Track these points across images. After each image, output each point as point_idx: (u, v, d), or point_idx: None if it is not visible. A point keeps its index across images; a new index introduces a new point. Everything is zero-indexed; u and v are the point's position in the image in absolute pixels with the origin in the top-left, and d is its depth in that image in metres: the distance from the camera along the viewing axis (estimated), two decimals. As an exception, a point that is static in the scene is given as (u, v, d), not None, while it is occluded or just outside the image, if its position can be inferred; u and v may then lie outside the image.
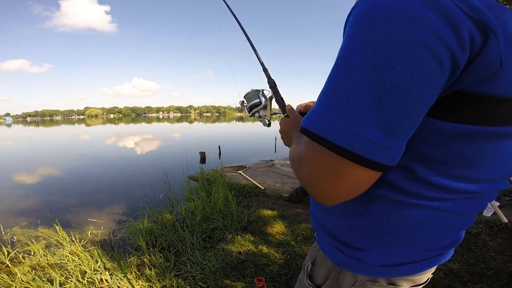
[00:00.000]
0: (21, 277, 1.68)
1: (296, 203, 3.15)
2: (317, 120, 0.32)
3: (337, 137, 0.30)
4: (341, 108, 0.30)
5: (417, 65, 0.28)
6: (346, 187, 0.33)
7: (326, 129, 0.31)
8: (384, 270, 0.45)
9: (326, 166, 0.33)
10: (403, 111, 0.29)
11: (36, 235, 2.76)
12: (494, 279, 1.65)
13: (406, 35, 0.27)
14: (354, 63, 0.30)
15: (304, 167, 0.36)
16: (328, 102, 0.32)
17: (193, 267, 1.85)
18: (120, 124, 43.11)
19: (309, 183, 0.36)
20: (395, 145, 0.30)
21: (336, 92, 0.31)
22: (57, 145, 14.25)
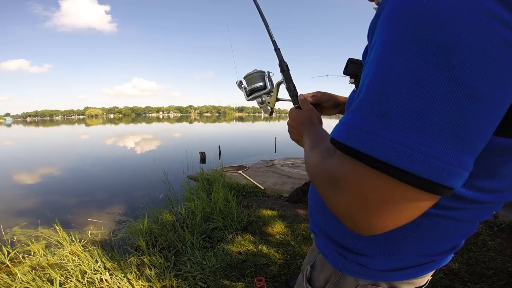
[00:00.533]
0: (21, 277, 1.68)
1: (296, 203, 3.15)
2: (369, 137, 0.24)
3: (406, 161, 0.23)
4: (411, 122, 0.23)
5: (502, 67, 0.22)
6: (401, 218, 0.26)
7: (386, 150, 0.23)
8: (387, 274, 0.45)
9: (381, 194, 0.25)
10: (486, 124, 0.23)
11: (36, 235, 2.76)
12: (494, 279, 1.65)
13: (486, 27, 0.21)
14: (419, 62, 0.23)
15: (341, 191, 0.28)
16: (388, 113, 0.24)
17: (193, 267, 1.85)
18: (120, 124, 43.12)
19: (349, 213, 0.28)
20: (472, 165, 0.24)
21: (397, 100, 0.24)
22: (57, 145, 14.24)
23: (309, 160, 0.40)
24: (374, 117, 0.25)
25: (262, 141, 12.64)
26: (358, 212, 0.27)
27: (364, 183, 0.26)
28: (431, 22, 0.23)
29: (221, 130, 24.84)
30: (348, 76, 0.60)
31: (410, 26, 0.24)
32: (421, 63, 0.23)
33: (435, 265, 0.47)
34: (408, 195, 0.24)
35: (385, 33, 0.26)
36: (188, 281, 1.72)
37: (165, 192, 3.65)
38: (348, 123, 0.27)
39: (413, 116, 0.23)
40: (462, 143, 0.23)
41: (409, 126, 0.23)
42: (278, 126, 30.12)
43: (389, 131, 0.24)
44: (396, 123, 0.24)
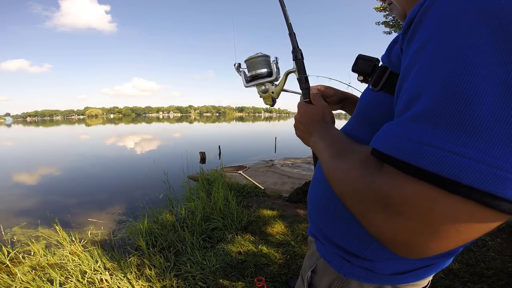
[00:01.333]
0: (21, 277, 1.68)
1: (296, 203, 3.15)
2: (450, 156, 0.20)
3: (500, 187, 0.19)
4: (500, 138, 0.19)
5: None
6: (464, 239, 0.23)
7: (476, 174, 0.19)
8: (393, 278, 0.45)
9: (454, 219, 0.21)
10: None
11: (36, 235, 2.76)
12: (494, 279, 1.65)
13: None
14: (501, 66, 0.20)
15: (396, 215, 0.24)
16: (469, 127, 0.20)
17: (193, 267, 1.85)
18: (120, 124, 43.13)
19: (407, 240, 0.24)
20: None
21: (482, 112, 0.20)
22: (57, 145, 14.24)
23: (335, 171, 0.34)
24: (453, 131, 0.21)
25: (262, 141, 12.64)
26: (420, 239, 0.23)
27: (435, 209, 0.22)
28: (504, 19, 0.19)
29: (221, 130, 24.84)
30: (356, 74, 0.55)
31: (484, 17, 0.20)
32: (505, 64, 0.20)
33: (438, 266, 0.47)
34: (478, 216, 0.21)
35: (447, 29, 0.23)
36: (188, 281, 1.72)
37: (165, 192, 3.65)
38: (407, 135, 0.23)
39: (504, 131, 0.19)
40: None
41: (504, 144, 0.19)
42: (278, 126, 30.11)
43: (476, 150, 0.20)
44: (486, 140, 0.20)
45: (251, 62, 0.63)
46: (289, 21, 0.58)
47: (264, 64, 0.62)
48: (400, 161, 0.23)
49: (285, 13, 0.59)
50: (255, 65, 0.62)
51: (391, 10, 0.48)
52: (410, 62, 0.26)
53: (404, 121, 0.24)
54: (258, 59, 0.62)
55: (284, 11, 0.59)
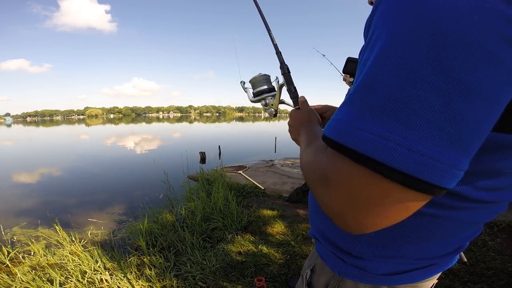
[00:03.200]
0: (21, 277, 1.68)
1: (296, 203, 3.15)
2: (356, 132, 0.24)
3: (388, 156, 0.22)
4: (397, 116, 0.22)
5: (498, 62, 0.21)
6: (390, 217, 0.25)
7: (370, 144, 0.23)
8: (387, 278, 0.44)
9: (368, 191, 0.24)
10: (480, 121, 0.22)
11: (36, 235, 2.76)
12: (494, 279, 1.65)
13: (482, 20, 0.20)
14: (409, 56, 0.22)
15: (331, 189, 0.27)
16: (374, 107, 0.23)
17: (193, 267, 1.85)
18: (120, 124, 43.12)
19: (336, 211, 0.27)
20: (466, 164, 0.23)
21: (384, 94, 0.23)
22: (57, 145, 14.24)
23: (302, 157, 0.39)
24: (362, 112, 0.24)
25: (262, 141, 12.64)
26: (348, 210, 0.26)
27: (351, 180, 0.25)
28: (423, 14, 0.22)
29: (221, 130, 24.84)
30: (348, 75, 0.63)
31: (404, 21, 0.23)
32: (413, 56, 0.22)
33: (439, 268, 0.46)
34: (394, 193, 0.24)
35: (381, 30, 0.25)
36: (188, 281, 1.72)
37: (165, 192, 3.65)
38: (337, 118, 0.27)
39: (400, 110, 0.22)
40: (453, 140, 0.22)
41: (396, 120, 0.22)
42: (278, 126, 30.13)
43: (375, 126, 0.23)
44: (382, 117, 0.23)
45: (254, 82, 0.75)
46: (274, 42, 0.71)
47: (264, 82, 0.74)
48: (327, 138, 0.27)
49: (270, 36, 0.72)
50: (257, 84, 0.74)
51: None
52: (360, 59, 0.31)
53: (341, 105, 0.28)
54: (259, 79, 0.74)
55: (270, 34, 0.72)
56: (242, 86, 0.77)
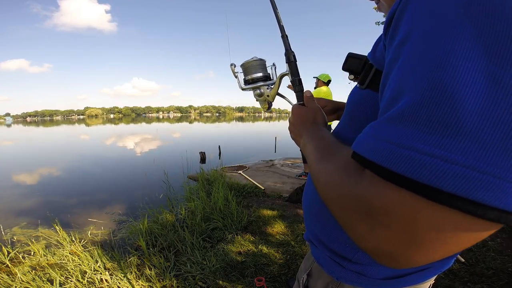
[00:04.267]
0: (21, 277, 1.68)
1: (296, 203, 3.15)
2: (429, 160, 0.18)
3: (487, 194, 0.17)
4: (485, 140, 0.17)
5: None
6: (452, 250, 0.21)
7: (459, 179, 0.17)
8: (385, 282, 0.44)
9: (442, 231, 0.20)
10: None
11: (36, 235, 2.75)
12: (494, 279, 1.65)
13: None
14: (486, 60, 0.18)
15: (381, 227, 0.22)
16: (450, 128, 0.18)
17: (193, 267, 1.85)
18: (120, 124, 43.12)
19: (389, 251, 0.23)
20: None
21: (465, 112, 0.18)
22: (57, 145, 14.24)
23: (319, 175, 0.32)
24: (435, 132, 0.19)
25: (262, 141, 12.64)
26: (402, 250, 0.22)
27: (415, 218, 0.20)
28: None
29: (221, 130, 24.83)
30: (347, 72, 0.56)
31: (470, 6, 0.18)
32: (491, 55, 0.17)
33: (436, 270, 0.46)
34: (476, 228, 0.20)
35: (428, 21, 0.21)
36: (188, 281, 1.72)
37: (165, 192, 3.65)
38: (386, 138, 0.21)
39: (493, 133, 0.17)
40: None
41: (490, 147, 0.17)
42: (278, 126, 30.11)
43: (457, 153, 0.18)
44: (470, 142, 0.18)
45: (247, 67, 0.63)
46: (281, 23, 0.58)
47: (259, 68, 0.62)
48: (379, 166, 0.21)
49: (277, 15, 0.58)
50: (251, 69, 0.62)
51: (379, 9, 0.48)
52: (392, 57, 0.25)
53: (385, 121, 0.22)
54: (254, 63, 0.62)
55: (276, 13, 0.58)
56: (232, 70, 0.65)
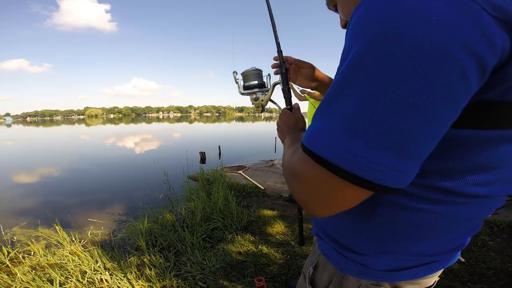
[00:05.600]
0: (21, 277, 1.68)
1: (296, 203, 3.15)
2: (318, 139, 0.29)
3: (341, 160, 0.27)
4: (345, 127, 0.27)
5: (436, 79, 0.24)
6: (340, 206, 0.32)
7: (328, 150, 0.28)
8: (388, 274, 0.45)
9: (323, 186, 0.30)
10: (418, 132, 0.26)
11: (36, 235, 2.75)
12: (494, 279, 1.65)
13: (422, 43, 0.24)
14: (359, 78, 0.27)
15: (298, 182, 0.33)
16: (331, 120, 0.29)
17: (193, 267, 1.85)
18: (120, 124, 43.11)
19: (302, 199, 0.34)
20: (407, 166, 0.27)
21: (338, 110, 0.28)
22: (57, 145, 14.24)
23: (284, 157, 0.44)
24: (326, 125, 0.29)
25: (262, 141, 12.63)
26: (307, 198, 0.33)
27: (312, 177, 0.31)
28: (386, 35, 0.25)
29: (221, 130, 24.83)
30: None
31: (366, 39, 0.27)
32: (371, 78, 0.26)
33: (440, 265, 0.46)
34: (342, 186, 0.29)
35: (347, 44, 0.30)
36: (188, 281, 1.72)
37: (165, 192, 3.65)
38: (310, 128, 0.32)
39: (354, 123, 0.27)
40: (389, 146, 0.26)
41: (350, 132, 0.27)
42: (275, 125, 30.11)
43: (334, 135, 0.28)
44: (339, 129, 0.28)
45: (246, 75, 0.77)
46: (278, 40, 0.71)
47: (256, 77, 0.76)
48: (304, 146, 0.32)
49: (275, 34, 0.71)
50: (249, 77, 0.77)
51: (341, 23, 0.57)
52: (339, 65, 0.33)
53: (315, 116, 0.32)
54: (252, 72, 0.76)
55: (275, 32, 0.71)
56: (234, 77, 0.79)
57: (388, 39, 0.25)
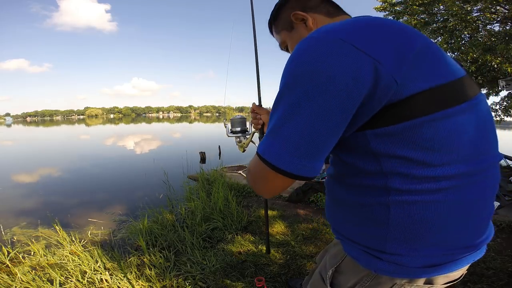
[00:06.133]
0: (21, 277, 1.68)
1: (296, 203, 3.15)
2: (264, 146, 0.45)
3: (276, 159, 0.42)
4: (280, 137, 0.42)
5: (328, 104, 0.38)
6: (274, 189, 0.48)
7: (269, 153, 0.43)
8: (422, 270, 0.46)
9: (266, 176, 0.46)
10: (320, 142, 0.41)
11: (36, 235, 2.75)
12: (494, 279, 1.65)
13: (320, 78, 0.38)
14: (280, 104, 0.43)
15: (252, 175, 0.50)
16: (272, 133, 0.44)
17: (193, 267, 1.85)
18: (120, 124, 43.09)
19: (254, 185, 0.51)
20: (310, 163, 0.42)
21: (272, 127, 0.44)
22: (57, 145, 14.24)
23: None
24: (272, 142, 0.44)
25: (262, 141, 12.61)
26: (258, 184, 0.49)
27: (261, 171, 0.46)
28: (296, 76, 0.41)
29: (221, 130, 24.77)
30: None
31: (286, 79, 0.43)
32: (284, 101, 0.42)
33: (467, 260, 0.47)
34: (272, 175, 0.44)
35: None
36: (188, 281, 1.72)
37: (165, 192, 3.65)
38: (263, 142, 0.46)
39: (274, 133, 0.43)
40: (305, 155, 0.41)
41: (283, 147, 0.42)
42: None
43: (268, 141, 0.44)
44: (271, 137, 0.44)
45: (233, 122, 0.97)
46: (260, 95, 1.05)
47: (240, 124, 0.98)
48: (257, 153, 0.46)
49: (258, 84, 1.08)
50: (235, 124, 0.98)
51: None
52: None
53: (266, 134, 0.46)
54: (238, 121, 0.97)
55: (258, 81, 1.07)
56: (224, 123, 1.03)
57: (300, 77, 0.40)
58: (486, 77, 6.47)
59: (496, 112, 7.99)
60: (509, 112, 7.66)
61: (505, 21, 5.89)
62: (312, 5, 0.61)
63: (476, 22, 6.11)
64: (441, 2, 6.17)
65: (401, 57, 0.38)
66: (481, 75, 6.44)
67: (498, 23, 6.16)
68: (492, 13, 5.99)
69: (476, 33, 6.35)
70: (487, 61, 5.82)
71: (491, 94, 7.54)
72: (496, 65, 5.81)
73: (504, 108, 7.77)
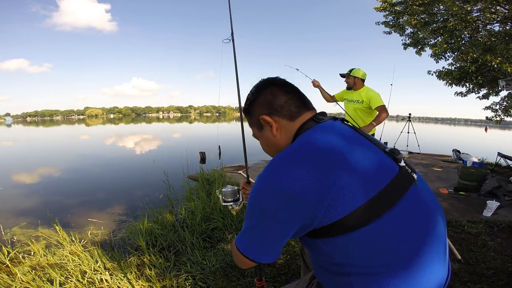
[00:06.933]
0: (21, 277, 1.68)
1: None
2: (238, 241, 0.65)
3: (245, 251, 0.63)
4: (247, 237, 0.63)
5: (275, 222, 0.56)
6: (247, 265, 0.68)
7: (241, 246, 0.64)
8: None
9: (241, 259, 0.65)
10: (271, 244, 0.60)
11: (36, 235, 2.75)
12: (494, 279, 1.65)
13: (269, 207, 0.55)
14: (248, 218, 0.62)
15: (234, 255, 0.70)
16: (243, 233, 0.64)
17: (193, 267, 1.85)
18: (120, 124, 43.09)
19: (236, 261, 0.70)
20: (265, 257, 0.62)
21: (245, 230, 0.63)
22: (57, 145, 14.24)
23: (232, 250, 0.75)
24: (242, 235, 0.65)
25: (262, 141, 12.61)
26: (237, 262, 0.70)
27: (238, 255, 0.65)
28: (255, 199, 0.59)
29: (221, 130, 24.80)
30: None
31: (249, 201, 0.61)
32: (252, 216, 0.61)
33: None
34: (244, 258, 0.64)
35: None
36: (188, 281, 1.72)
37: (165, 192, 3.65)
38: (240, 235, 0.66)
39: (250, 241, 0.63)
40: (263, 251, 0.62)
41: (245, 239, 0.64)
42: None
43: (242, 238, 0.65)
44: (245, 235, 0.64)
45: (225, 194, 1.13)
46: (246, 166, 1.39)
47: (232, 196, 1.14)
48: (236, 243, 0.66)
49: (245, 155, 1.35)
50: (227, 195, 1.14)
51: None
52: None
53: (242, 231, 0.66)
54: (229, 192, 1.13)
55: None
56: (218, 192, 1.17)
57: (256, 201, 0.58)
58: (486, 77, 6.46)
59: (496, 112, 8.01)
60: (509, 112, 7.66)
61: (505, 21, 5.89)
62: (277, 107, 0.68)
63: (476, 22, 6.11)
64: (441, 2, 6.16)
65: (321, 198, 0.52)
66: (481, 75, 6.43)
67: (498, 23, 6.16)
68: (492, 13, 5.99)
69: (476, 33, 6.35)
70: (487, 61, 5.82)
71: (491, 94, 7.53)
72: (496, 65, 5.80)
73: (504, 108, 7.77)
